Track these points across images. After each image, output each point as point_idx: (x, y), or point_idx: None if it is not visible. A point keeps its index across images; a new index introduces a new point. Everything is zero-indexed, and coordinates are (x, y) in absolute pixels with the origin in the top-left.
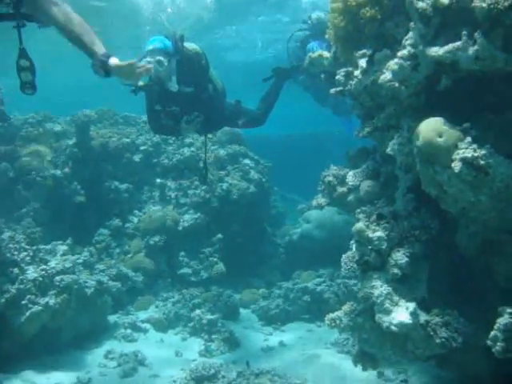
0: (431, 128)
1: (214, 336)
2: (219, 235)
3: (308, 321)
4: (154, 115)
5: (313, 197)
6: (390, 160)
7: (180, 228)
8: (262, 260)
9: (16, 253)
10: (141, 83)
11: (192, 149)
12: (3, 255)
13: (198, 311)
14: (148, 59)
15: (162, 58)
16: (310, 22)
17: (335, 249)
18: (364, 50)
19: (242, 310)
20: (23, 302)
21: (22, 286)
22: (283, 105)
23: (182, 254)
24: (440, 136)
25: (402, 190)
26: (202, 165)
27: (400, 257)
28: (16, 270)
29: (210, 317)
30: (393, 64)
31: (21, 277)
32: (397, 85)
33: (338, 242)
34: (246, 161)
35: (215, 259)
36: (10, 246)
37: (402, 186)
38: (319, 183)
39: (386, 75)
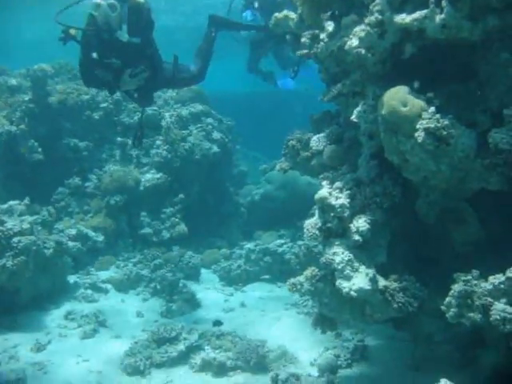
0: (395, 97)
1: (175, 297)
2: (181, 195)
3: (269, 281)
4: (89, 65)
5: (274, 155)
6: (354, 125)
7: (141, 188)
8: (224, 220)
9: None
10: (73, 31)
11: (154, 107)
12: None
13: (159, 272)
14: (99, 1)
15: (115, 2)
16: None
17: (296, 210)
18: (330, 13)
19: (203, 271)
20: None
21: None
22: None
23: (144, 214)
24: (404, 105)
25: (365, 157)
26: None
27: (361, 224)
28: None
29: (171, 277)
30: (359, 31)
31: None
32: (363, 52)
33: (299, 203)
34: (209, 120)
35: (177, 219)
36: None
37: (366, 152)
38: (283, 147)
39: (353, 41)
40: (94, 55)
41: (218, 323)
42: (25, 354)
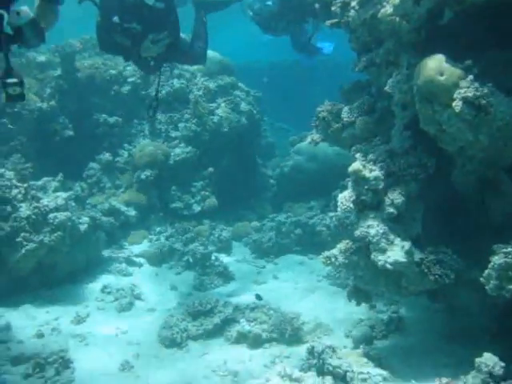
0: (432, 66)
1: (208, 270)
2: (210, 169)
3: (300, 253)
4: (107, 29)
5: (300, 125)
6: (386, 95)
7: (171, 162)
8: (253, 192)
9: (7, 190)
10: None
11: (182, 80)
12: None
13: (191, 245)
14: None
15: None
16: None
17: (326, 181)
18: None
19: (234, 243)
20: (18, 240)
21: (15, 224)
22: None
23: (174, 188)
24: (441, 74)
25: (398, 128)
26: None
27: (396, 196)
28: (9, 208)
29: (203, 251)
30: None
31: (14, 214)
32: (397, 19)
33: (328, 174)
34: (237, 92)
35: (207, 193)
36: (1, 183)
37: (399, 123)
38: (313, 119)
39: (387, 9)
40: (116, 19)
41: (258, 297)
42: (66, 327)
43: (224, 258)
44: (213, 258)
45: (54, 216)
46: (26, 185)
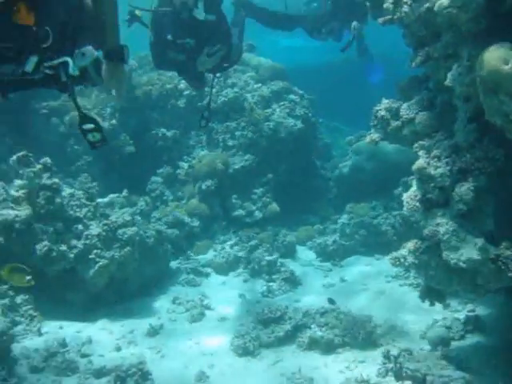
0: (496, 55)
1: (274, 276)
2: (270, 175)
3: (366, 254)
4: (161, 47)
5: (355, 123)
6: (445, 88)
7: (231, 170)
8: (314, 195)
9: (78, 209)
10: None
11: (235, 89)
12: (67, 212)
13: (256, 252)
14: None
15: None
16: None
17: (387, 179)
18: None
19: (298, 248)
20: (91, 256)
21: (88, 242)
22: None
23: (235, 196)
24: (506, 63)
25: (462, 121)
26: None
27: (465, 192)
28: (80, 227)
29: (268, 257)
30: None
31: (86, 232)
32: (455, 11)
33: (389, 172)
34: (291, 96)
35: (268, 199)
36: (72, 203)
37: (462, 116)
38: (371, 118)
39: (443, 1)
40: (169, 37)
41: (331, 301)
42: (141, 339)
43: (289, 264)
44: (278, 263)
45: (122, 232)
46: (94, 203)
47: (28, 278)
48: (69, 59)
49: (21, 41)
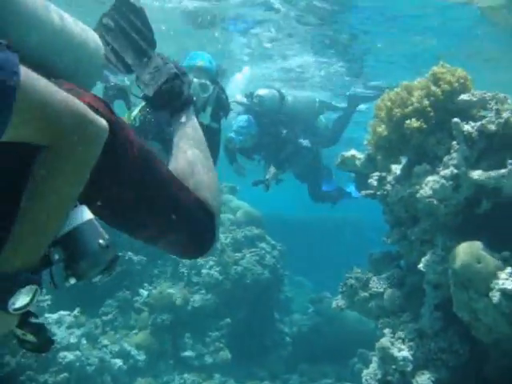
0: (469, 252)
1: None
2: (227, 319)
3: None
4: None
5: (320, 280)
6: (416, 270)
7: (189, 308)
8: (268, 348)
9: None
10: None
11: None
12: None
13: None
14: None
15: (208, 83)
16: (252, 99)
17: (344, 347)
18: (403, 160)
19: None
20: (21, 378)
21: (23, 360)
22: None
23: (188, 335)
24: (478, 262)
25: (428, 307)
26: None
27: (425, 381)
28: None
29: None
30: (433, 181)
31: (23, 350)
32: (435, 202)
33: (346, 339)
34: (263, 245)
35: (221, 345)
36: None
37: (429, 302)
38: (340, 284)
39: (426, 191)
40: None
41: None
42: None
43: None
44: None
45: (63, 355)
46: (41, 318)
47: None
48: None
49: None
